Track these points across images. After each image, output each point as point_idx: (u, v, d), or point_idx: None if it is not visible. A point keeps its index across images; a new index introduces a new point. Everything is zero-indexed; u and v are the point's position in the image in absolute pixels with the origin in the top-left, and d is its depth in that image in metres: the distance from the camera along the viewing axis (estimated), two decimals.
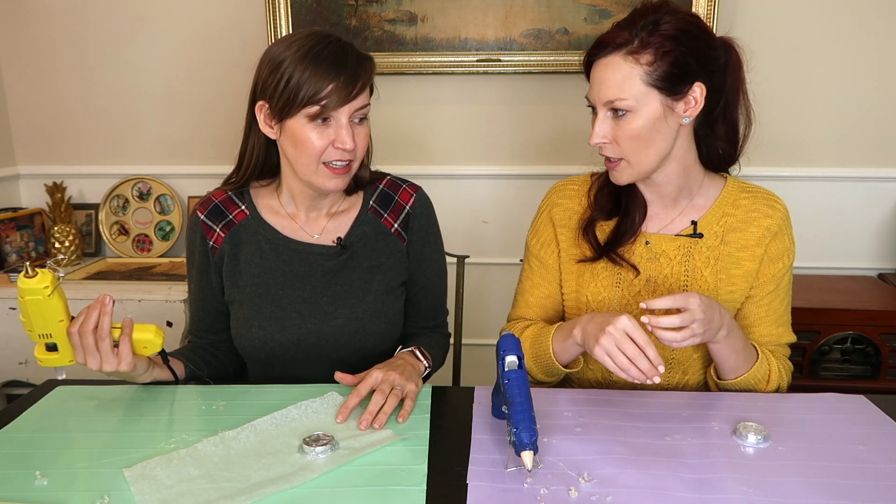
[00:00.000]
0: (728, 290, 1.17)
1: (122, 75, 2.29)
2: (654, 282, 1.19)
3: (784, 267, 1.18)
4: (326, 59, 1.09)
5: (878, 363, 1.96)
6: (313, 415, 1.03)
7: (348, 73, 1.09)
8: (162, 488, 0.83)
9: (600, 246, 1.20)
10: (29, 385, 2.04)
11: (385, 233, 1.28)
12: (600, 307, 1.20)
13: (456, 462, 0.89)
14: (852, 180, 2.20)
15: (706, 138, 1.16)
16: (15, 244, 2.26)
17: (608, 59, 1.07)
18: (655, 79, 1.05)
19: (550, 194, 1.29)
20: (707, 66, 1.08)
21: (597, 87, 1.09)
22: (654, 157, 1.10)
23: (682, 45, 1.05)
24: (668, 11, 1.07)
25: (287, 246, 1.24)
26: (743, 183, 1.22)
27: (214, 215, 1.26)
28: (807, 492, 0.83)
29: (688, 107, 1.08)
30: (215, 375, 1.27)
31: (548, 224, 1.27)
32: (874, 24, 2.08)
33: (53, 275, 0.97)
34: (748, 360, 1.13)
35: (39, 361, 1.03)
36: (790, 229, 1.20)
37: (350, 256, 1.25)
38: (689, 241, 1.18)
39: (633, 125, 1.07)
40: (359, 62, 1.12)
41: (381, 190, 1.30)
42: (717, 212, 1.19)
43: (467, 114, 2.24)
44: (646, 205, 1.21)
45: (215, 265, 1.25)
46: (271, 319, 1.22)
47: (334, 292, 1.24)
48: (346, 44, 1.13)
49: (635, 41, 1.05)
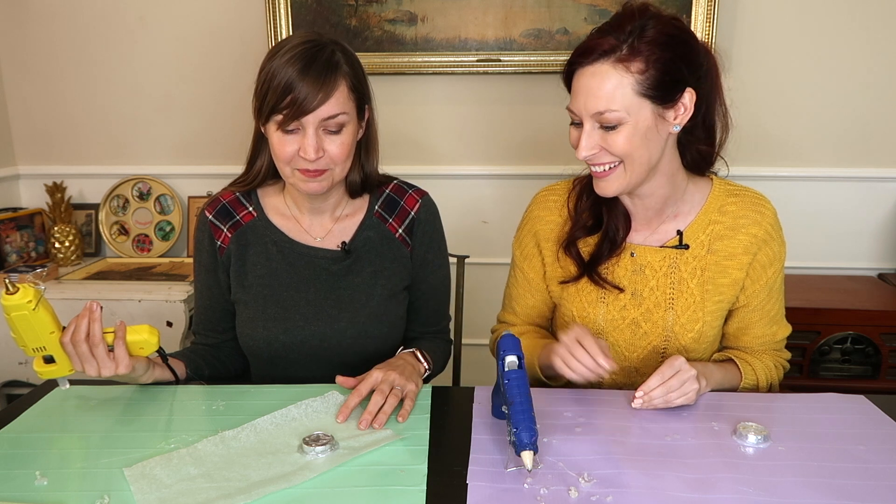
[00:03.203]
0: (715, 300, 1.16)
1: (122, 75, 2.29)
2: (640, 296, 1.17)
3: (775, 272, 1.17)
4: (293, 66, 1.07)
5: (878, 363, 1.96)
6: (313, 414, 1.03)
7: (309, 83, 1.07)
8: (162, 487, 0.83)
9: (584, 263, 1.18)
10: (29, 385, 2.04)
11: (389, 238, 1.28)
12: (586, 322, 1.19)
13: (456, 462, 0.90)
14: (852, 180, 2.20)
15: (688, 144, 1.12)
16: (15, 244, 2.25)
17: (595, 68, 1.01)
18: (647, 87, 1.00)
19: (532, 207, 1.26)
20: (695, 71, 1.04)
21: (583, 98, 1.02)
22: (645, 168, 1.06)
23: (672, 51, 1.00)
24: (652, 16, 1.01)
25: (293, 249, 1.25)
26: (730, 185, 1.18)
27: (222, 216, 1.26)
28: (807, 492, 0.83)
29: (678, 114, 1.04)
30: (216, 376, 1.27)
31: (530, 238, 1.25)
32: (873, 24, 2.08)
33: (35, 288, 0.96)
34: (732, 383, 1.16)
35: (40, 375, 1.04)
36: (779, 232, 1.17)
37: (354, 261, 1.26)
38: (675, 252, 1.15)
39: (624, 137, 1.02)
40: (326, 71, 1.08)
41: (386, 195, 1.30)
42: (704, 220, 1.16)
43: (467, 114, 2.24)
44: (628, 217, 1.17)
45: (223, 265, 1.26)
46: (276, 321, 1.23)
47: (338, 296, 1.25)
48: (320, 50, 1.10)
49: (624, 48, 0.99)
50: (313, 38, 1.12)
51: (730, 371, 1.16)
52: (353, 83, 1.13)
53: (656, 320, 1.16)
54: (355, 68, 1.15)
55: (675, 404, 1.02)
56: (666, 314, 1.16)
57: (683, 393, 1.01)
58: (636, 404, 1.02)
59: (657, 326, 1.17)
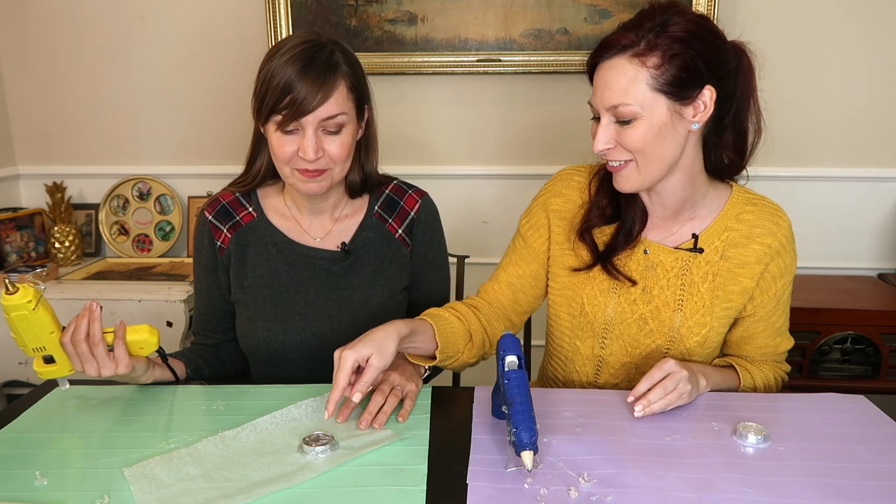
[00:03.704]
0: (724, 306, 1.15)
1: (122, 75, 2.29)
2: (650, 292, 1.16)
3: (784, 284, 1.16)
4: (292, 66, 1.07)
5: (878, 363, 1.96)
6: (313, 414, 1.02)
7: (308, 83, 1.07)
8: (161, 487, 0.83)
9: (598, 252, 1.18)
10: (29, 385, 2.04)
11: (389, 238, 1.28)
12: (595, 311, 1.19)
13: (456, 462, 0.89)
14: (852, 180, 2.20)
15: (714, 147, 1.11)
16: (15, 244, 2.25)
17: (612, 62, 1.02)
18: (663, 83, 1.00)
19: (554, 181, 1.24)
20: (717, 69, 1.02)
21: (600, 91, 1.04)
22: (662, 165, 1.06)
23: (691, 48, 0.99)
24: (677, 13, 1.01)
25: (292, 249, 1.25)
26: (749, 193, 1.18)
27: (222, 216, 1.26)
28: (807, 492, 0.83)
29: (697, 111, 1.03)
30: (216, 376, 1.27)
31: (542, 210, 1.23)
32: (873, 23, 2.08)
33: (35, 288, 0.96)
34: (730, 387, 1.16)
35: (40, 375, 1.04)
36: (793, 245, 1.16)
37: (354, 261, 1.26)
38: (688, 254, 1.15)
39: (639, 132, 1.02)
40: (325, 71, 1.09)
41: (386, 195, 1.30)
42: (720, 225, 1.15)
43: (467, 114, 2.24)
44: (646, 212, 1.17)
45: (223, 265, 1.26)
46: (275, 321, 1.23)
47: (338, 297, 1.25)
48: (320, 50, 1.10)
49: (642, 43, 1.00)
50: (312, 38, 1.12)
51: (728, 376, 1.16)
52: (352, 83, 1.13)
53: (664, 319, 1.16)
54: (354, 68, 1.15)
55: (674, 405, 1.02)
56: (674, 315, 1.15)
57: (680, 393, 1.01)
58: (638, 413, 1.00)
59: (664, 326, 1.16)
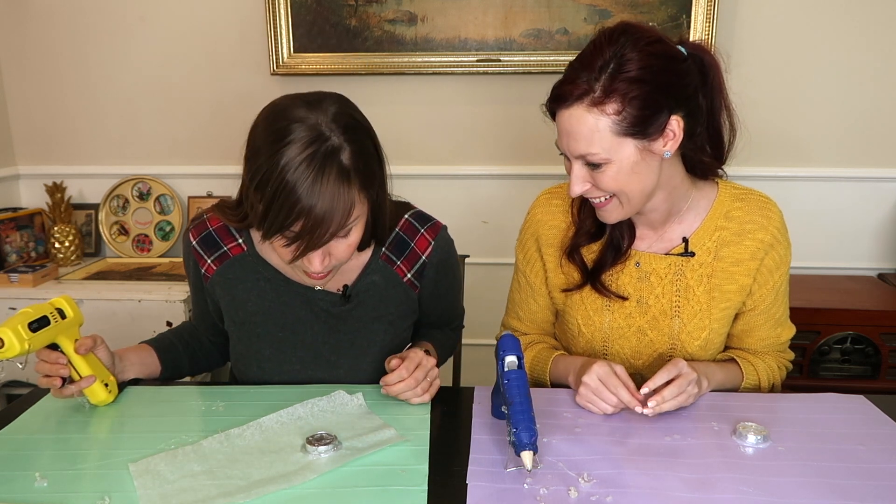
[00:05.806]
0: (722, 306, 1.15)
1: (122, 75, 2.29)
2: (646, 303, 1.15)
3: (782, 276, 1.16)
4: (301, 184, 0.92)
5: (878, 363, 1.96)
6: (319, 413, 1.03)
7: (320, 210, 0.93)
8: (164, 483, 0.84)
9: (587, 270, 1.16)
10: (29, 385, 2.04)
11: (396, 282, 1.19)
12: (592, 331, 1.18)
13: (456, 462, 0.90)
14: (852, 180, 2.20)
15: (692, 151, 1.08)
16: (15, 244, 2.25)
17: (571, 111, 0.98)
18: (626, 126, 0.96)
19: (534, 210, 1.24)
20: (679, 95, 0.99)
21: (565, 139, 1.01)
22: (643, 196, 1.04)
23: (649, 84, 0.95)
24: (628, 43, 0.96)
25: (288, 287, 1.16)
26: (736, 188, 1.16)
27: (207, 244, 1.17)
28: (807, 492, 0.83)
29: (667, 141, 1.00)
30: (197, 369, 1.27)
31: (532, 242, 1.23)
32: (874, 23, 2.08)
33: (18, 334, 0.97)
34: (734, 383, 1.16)
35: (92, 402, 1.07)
36: (786, 235, 1.15)
37: (356, 306, 1.17)
38: (681, 259, 1.14)
39: (610, 174, 1.00)
40: (338, 191, 0.93)
41: (396, 235, 1.18)
42: (710, 226, 1.14)
43: (467, 114, 2.24)
44: (632, 225, 1.16)
45: (209, 291, 1.20)
46: (271, 362, 1.18)
47: (337, 341, 1.17)
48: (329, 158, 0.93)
49: (597, 90, 0.95)
50: (315, 135, 0.94)
51: (731, 371, 1.16)
52: (362, 181, 0.98)
53: (662, 328, 1.16)
54: (365, 155, 0.99)
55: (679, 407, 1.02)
56: (672, 322, 1.15)
57: (688, 396, 1.01)
58: (648, 411, 0.98)
59: (663, 334, 1.16)
